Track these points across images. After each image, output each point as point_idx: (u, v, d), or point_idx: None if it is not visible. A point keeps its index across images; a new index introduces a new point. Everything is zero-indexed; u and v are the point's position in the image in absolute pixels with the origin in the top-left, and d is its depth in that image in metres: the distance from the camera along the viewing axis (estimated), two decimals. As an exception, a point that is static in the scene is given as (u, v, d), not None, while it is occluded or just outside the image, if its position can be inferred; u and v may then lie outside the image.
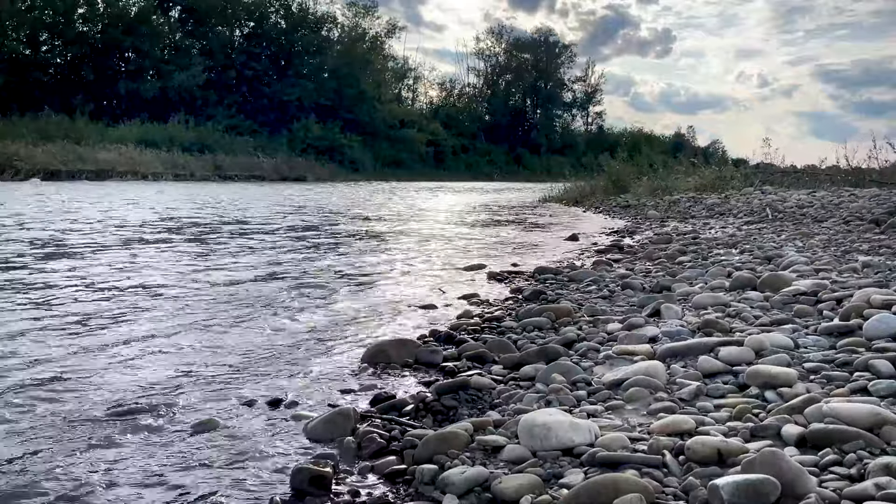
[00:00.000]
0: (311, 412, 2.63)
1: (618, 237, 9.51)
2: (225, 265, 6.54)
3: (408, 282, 5.85)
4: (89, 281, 5.43)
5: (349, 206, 17.85)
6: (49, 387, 2.87)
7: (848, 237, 6.74)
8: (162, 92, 47.53)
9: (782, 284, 4.04)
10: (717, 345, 2.83)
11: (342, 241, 9.30)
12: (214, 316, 4.31)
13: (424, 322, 4.28)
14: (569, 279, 5.41)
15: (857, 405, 1.99)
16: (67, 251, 7.23)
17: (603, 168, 21.67)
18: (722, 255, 6.15)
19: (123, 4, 49.50)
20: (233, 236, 9.46)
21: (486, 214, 15.91)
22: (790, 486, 1.61)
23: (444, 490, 1.88)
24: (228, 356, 3.43)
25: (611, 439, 2.00)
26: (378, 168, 52.75)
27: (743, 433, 2.01)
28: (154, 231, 9.80)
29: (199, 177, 36.94)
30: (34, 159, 30.57)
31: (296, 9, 57.17)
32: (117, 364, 3.23)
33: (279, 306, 4.67)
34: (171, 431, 2.45)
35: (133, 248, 7.75)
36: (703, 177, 18.22)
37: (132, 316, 4.24)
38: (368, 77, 58.37)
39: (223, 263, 6.66)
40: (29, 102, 40.69)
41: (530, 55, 73.37)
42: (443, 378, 3.00)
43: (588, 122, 76.71)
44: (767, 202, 11.80)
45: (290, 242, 8.80)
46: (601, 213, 15.53)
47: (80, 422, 2.52)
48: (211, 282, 5.57)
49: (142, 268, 6.24)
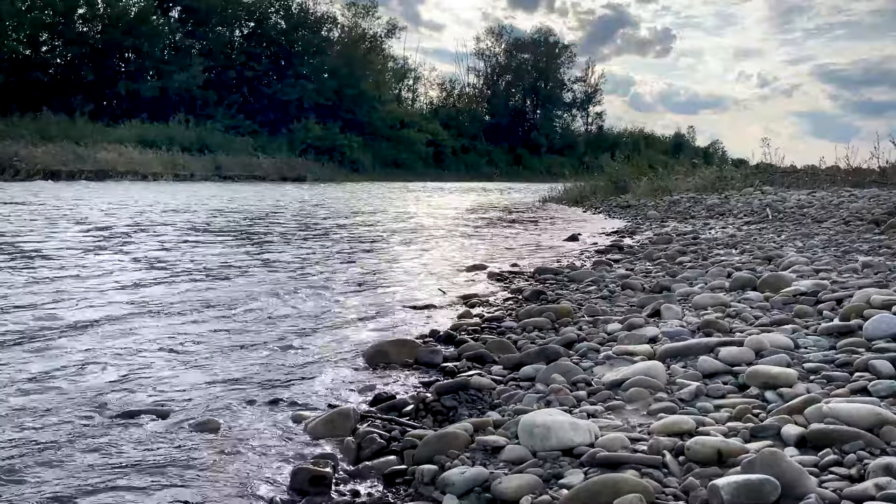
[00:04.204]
0: (311, 412, 2.63)
1: (618, 237, 9.51)
2: (224, 265, 6.54)
3: (408, 282, 5.85)
4: (89, 281, 5.42)
5: (349, 207, 17.85)
6: (49, 387, 2.87)
7: (848, 237, 6.74)
8: (162, 92, 47.50)
9: (782, 285, 4.04)
10: (717, 345, 2.83)
11: (342, 241, 9.30)
12: (214, 316, 4.31)
13: (424, 322, 4.28)
14: (569, 279, 5.41)
15: (857, 405, 1.99)
16: (68, 251, 7.23)
17: (603, 168, 21.67)
18: (722, 255, 6.15)
19: (123, 4, 49.46)
20: (232, 236, 9.46)
21: (487, 215, 15.91)
22: (790, 487, 1.61)
23: (444, 490, 1.88)
24: (228, 356, 3.43)
25: (611, 439, 2.00)
26: (378, 168, 52.72)
27: (743, 433, 2.01)
28: (153, 231, 9.79)
29: (198, 177, 36.92)
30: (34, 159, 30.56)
31: (296, 9, 57.18)
32: (117, 364, 3.22)
33: (279, 306, 4.67)
34: (172, 431, 2.45)
35: (133, 248, 7.75)
36: (704, 177, 18.22)
37: (131, 316, 4.23)
38: (368, 77, 58.35)
39: (222, 263, 6.66)
40: (29, 102, 40.66)
41: (530, 55, 73.35)
42: (443, 378, 3.00)
43: (588, 122, 76.72)
44: (767, 202, 11.80)
45: (289, 242, 8.80)
46: (601, 214, 15.54)
47: (80, 422, 2.52)
48: (210, 282, 5.57)
49: (141, 268, 6.24)
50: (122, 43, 48.46)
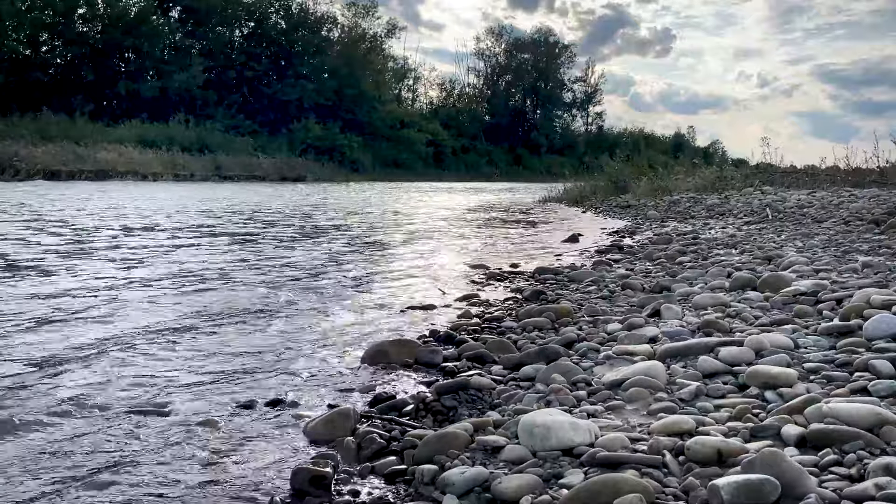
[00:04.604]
0: (311, 412, 2.63)
1: (618, 237, 9.50)
2: (224, 265, 6.54)
3: (408, 282, 5.85)
4: (89, 281, 5.42)
5: (348, 207, 17.85)
6: (48, 386, 2.87)
7: (848, 237, 6.73)
8: (162, 92, 47.54)
9: (782, 285, 4.04)
10: (717, 345, 2.83)
11: (342, 241, 9.30)
12: (214, 316, 4.31)
13: (424, 322, 4.28)
14: (569, 279, 5.41)
15: (857, 405, 1.99)
16: (67, 251, 7.23)
17: (603, 168, 21.67)
18: (722, 255, 6.15)
19: (123, 4, 49.52)
20: (232, 236, 9.46)
21: (487, 215, 15.91)
22: (790, 487, 1.61)
23: (444, 490, 1.88)
24: (228, 356, 3.43)
25: (611, 439, 2.00)
26: (378, 168, 52.76)
27: (743, 433, 2.01)
28: (152, 232, 9.80)
29: (198, 177, 36.94)
30: (34, 159, 30.58)
31: (296, 9, 57.24)
32: (117, 364, 3.22)
33: (279, 306, 4.67)
34: (172, 431, 2.45)
35: (133, 248, 7.75)
36: (704, 177, 18.22)
37: (131, 316, 4.23)
38: (368, 77, 58.41)
39: (222, 263, 6.66)
40: (29, 102, 40.70)
41: (530, 55, 73.42)
42: (443, 378, 3.00)
43: (588, 122, 76.81)
44: (767, 202, 11.79)
45: (289, 242, 8.80)
46: (601, 214, 15.53)
47: (79, 421, 2.52)
48: (210, 282, 5.57)
49: (141, 268, 6.24)
50: (122, 43, 48.51)
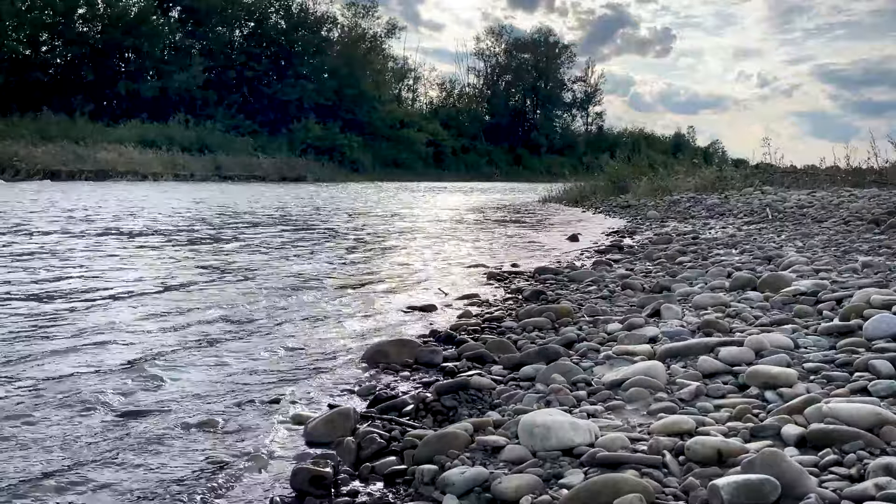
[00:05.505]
0: (311, 412, 2.63)
1: (618, 237, 9.50)
2: (224, 265, 6.55)
3: (408, 282, 5.85)
4: (89, 281, 5.42)
5: (348, 207, 17.86)
6: (48, 386, 2.87)
7: (848, 237, 6.73)
8: (162, 92, 47.56)
9: (782, 284, 4.04)
10: (717, 345, 2.83)
11: (341, 241, 9.30)
12: (213, 316, 4.31)
13: (424, 322, 4.28)
14: (569, 279, 5.41)
15: (857, 405, 1.99)
16: (67, 251, 7.23)
17: (603, 168, 21.67)
18: (722, 255, 6.15)
19: (123, 4, 49.53)
20: (232, 237, 9.46)
21: (486, 215, 15.91)
22: (790, 487, 1.61)
23: (444, 490, 1.88)
24: (228, 356, 3.43)
25: (611, 439, 2.00)
26: (378, 168, 52.77)
27: (743, 433, 2.01)
28: (152, 232, 9.80)
29: (198, 177, 36.95)
30: (34, 159, 30.58)
31: (296, 9, 57.25)
32: (117, 364, 3.22)
33: (278, 306, 4.67)
34: (172, 431, 2.45)
35: (133, 249, 7.75)
36: (704, 177, 18.21)
37: (131, 316, 4.23)
38: (368, 77, 58.43)
39: (222, 263, 6.66)
40: (29, 102, 40.71)
41: (530, 55, 73.43)
42: (443, 378, 2.99)
43: (588, 122, 76.84)
44: (767, 202, 11.79)
45: (289, 243, 8.80)
46: (601, 214, 15.53)
47: (79, 421, 2.52)
48: (210, 282, 5.57)
49: (141, 269, 6.24)
50: (122, 43, 48.52)
